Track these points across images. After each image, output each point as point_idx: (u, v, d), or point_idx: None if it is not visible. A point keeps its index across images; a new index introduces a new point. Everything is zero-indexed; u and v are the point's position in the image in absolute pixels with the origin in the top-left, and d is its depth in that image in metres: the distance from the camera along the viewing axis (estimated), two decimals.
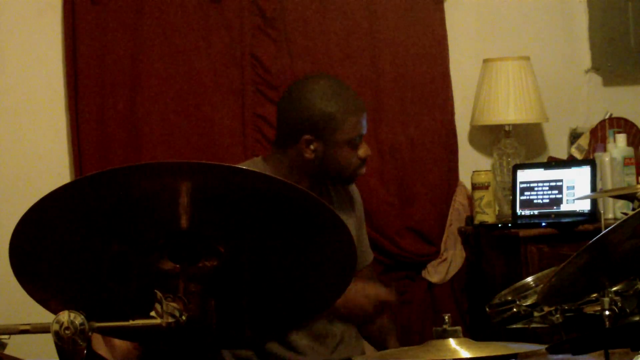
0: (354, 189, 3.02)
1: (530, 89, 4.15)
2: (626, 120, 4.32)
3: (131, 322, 1.64)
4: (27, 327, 1.64)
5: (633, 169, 4.07)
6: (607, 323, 2.18)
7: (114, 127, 3.95)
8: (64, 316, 1.57)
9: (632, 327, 2.24)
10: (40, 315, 1.80)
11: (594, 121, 4.33)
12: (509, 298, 2.57)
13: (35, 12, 3.96)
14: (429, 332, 2.04)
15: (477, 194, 4.08)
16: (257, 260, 1.78)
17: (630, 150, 4.11)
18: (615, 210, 4.00)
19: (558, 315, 2.38)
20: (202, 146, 4.00)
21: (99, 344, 2.92)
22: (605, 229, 2.03)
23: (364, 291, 2.79)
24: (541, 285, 2.42)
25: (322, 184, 2.87)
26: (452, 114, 4.25)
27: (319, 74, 2.96)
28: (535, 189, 4.07)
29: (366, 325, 3.06)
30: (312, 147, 2.77)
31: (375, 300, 2.80)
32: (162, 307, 1.63)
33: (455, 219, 4.19)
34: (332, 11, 4.13)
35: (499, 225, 4.02)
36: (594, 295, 2.30)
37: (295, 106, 2.81)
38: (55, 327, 1.57)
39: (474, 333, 3.93)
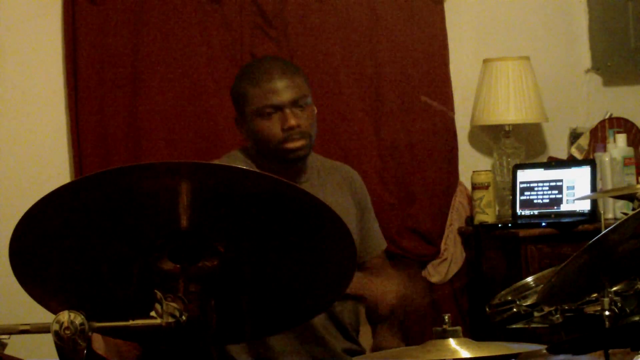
0: (351, 173, 3.00)
1: (530, 89, 4.15)
2: (626, 120, 4.32)
3: (131, 322, 1.64)
4: (27, 327, 1.64)
5: (633, 169, 4.07)
6: (607, 323, 2.18)
7: (114, 127, 3.95)
8: (64, 316, 1.57)
9: (632, 327, 2.24)
10: (40, 315, 1.80)
11: (594, 121, 4.33)
12: (509, 298, 2.57)
13: (35, 12, 3.96)
14: (429, 332, 2.04)
15: (477, 194, 4.08)
16: (257, 260, 1.78)
17: (630, 150, 4.11)
18: (615, 210, 4.00)
19: (558, 315, 2.38)
20: (202, 146, 4.00)
21: (99, 344, 2.92)
22: (605, 229, 2.03)
23: (385, 287, 2.79)
24: (541, 285, 2.42)
25: (288, 164, 2.81)
26: (452, 113, 4.25)
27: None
28: (535, 189, 4.07)
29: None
30: (241, 127, 2.84)
31: (397, 295, 2.80)
32: (162, 307, 1.63)
33: (455, 219, 4.19)
34: (332, 11, 4.13)
35: (499, 225, 4.02)
36: (594, 295, 2.30)
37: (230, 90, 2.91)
38: (55, 327, 1.57)
39: (474, 333, 3.93)
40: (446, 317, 2.01)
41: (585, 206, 3.97)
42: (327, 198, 2.82)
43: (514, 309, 2.54)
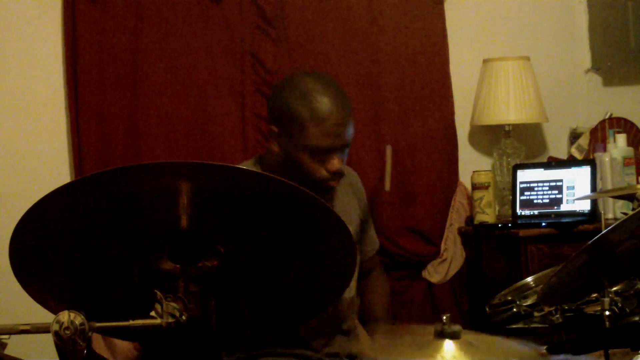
0: (355, 177, 3.01)
1: (530, 89, 4.15)
2: (626, 120, 4.32)
3: (131, 322, 1.64)
4: (27, 327, 1.64)
5: (633, 169, 4.07)
6: (607, 323, 2.18)
7: (114, 127, 3.95)
8: (64, 316, 1.57)
9: (632, 327, 2.24)
10: (40, 315, 1.80)
11: (594, 121, 4.33)
12: (509, 298, 2.57)
13: (35, 12, 3.96)
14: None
15: (477, 194, 4.08)
16: (257, 260, 1.78)
17: (630, 150, 4.11)
18: (615, 210, 4.00)
19: (558, 315, 2.38)
20: (202, 146, 4.00)
21: (99, 343, 2.92)
22: (605, 229, 2.03)
23: None
24: (541, 285, 2.42)
25: None
26: (452, 114, 4.25)
27: (316, 73, 2.80)
28: (535, 189, 4.07)
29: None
30: (278, 141, 2.69)
31: None
32: (162, 307, 1.64)
33: (455, 219, 4.19)
34: (332, 11, 4.13)
35: (499, 225, 4.02)
36: (594, 295, 2.30)
37: (275, 95, 2.75)
38: (55, 327, 1.57)
39: None
40: (444, 317, 2.00)
41: (585, 206, 3.97)
42: (333, 200, 2.82)
43: (514, 309, 2.54)
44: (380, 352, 1.98)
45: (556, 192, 4.04)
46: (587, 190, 3.96)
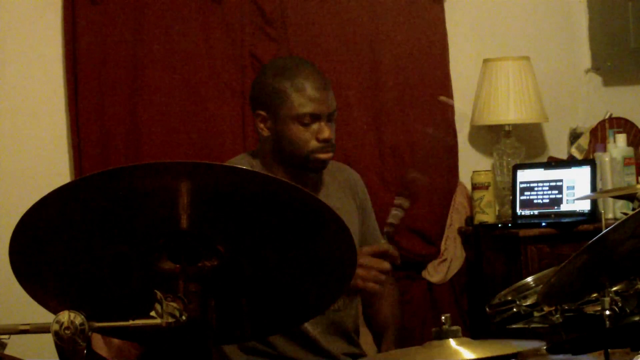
0: (354, 175, 3.01)
1: (530, 89, 4.15)
2: (626, 120, 4.32)
3: (131, 322, 1.64)
4: (27, 327, 1.64)
5: (633, 169, 4.07)
6: (607, 323, 2.18)
7: (114, 127, 3.95)
8: (64, 316, 1.57)
9: (632, 327, 2.24)
10: (40, 315, 1.80)
11: (594, 121, 4.33)
12: (509, 298, 2.57)
13: (35, 12, 3.96)
14: (429, 332, 2.04)
15: (477, 194, 4.08)
16: (257, 260, 1.78)
17: (630, 150, 4.11)
18: (615, 210, 4.00)
19: (558, 315, 2.38)
20: (202, 146, 4.00)
21: (99, 344, 2.92)
22: (605, 229, 2.03)
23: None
24: (541, 285, 2.42)
25: (303, 172, 2.78)
26: (452, 114, 4.25)
27: (288, 56, 2.95)
28: (535, 189, 4.07)
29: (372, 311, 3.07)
30: (266, 124, 2.75)
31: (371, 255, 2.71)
32: (162, 307, 1.63)
33: (455, 219, 4.18)
34: (332, 11, 4.13)
35: (499, 225, 4.02)
36: (594, 295, 2.30)
37: (255, 83, 2.83)
38: (55, 327, 1.57)
39: (474, 333, 3.93)
40: (444, 317, 2.00)
41: (585, 206, 3.97)
42: (331, 200, 2.82)
43: (514, 309, 2.54)
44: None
45: (556, 192, 4.04)
46: (587, 190, 3.96)
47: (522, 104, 4.14)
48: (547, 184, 4.05)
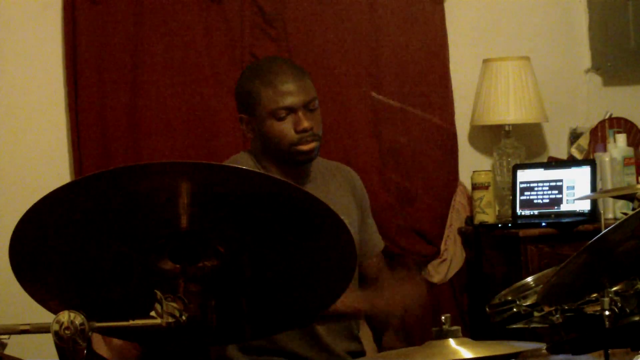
0: (353, 174, 3.01)
1: (530, 89, 4.15)
2: (626, 120, 4.32)
3: (131, 322, 1.64)
4: (27, 327, 1.64)
5: (633, 169, 4.07)
6: (607, 323, 2.18)
7: (114, 127, 3.95)
8: (64, 316, 1.57)
9: (632, 327, 2.24)
10: (40, 315, 1.80)
11: (594, 121, 4.33)
12: (509, 298, 2.57)
13: (35, 12, 3.96)
14: (429, 332, 2.04)
15: (477, 194, 4.08)
16: (257, 260, 1.78)
17: (630, 150, 4.11)
18: (615, 210, 4.00)
19: (558, 315, 2.38)
20: (202, 146, 4.00)
21: (99, 344, 2.92)
22: (605, 229, 2.03)
23: (391, 299, 2.77)
24: (541, 285, 2.42)
25: (293, 166, 2.80)
26: (452, 114, 4.25)
27: (265, 57, 3.03)
28: (535, 189, 4.07)
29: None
30: (249, 126, 2.80)
31: (404, 304, 2.79)
32: (162, 307, 1.63)
33: (455, 219, 4.19)
34: (332, 11, 4.13)
35: (499, 225, 4.02)
36: (594, 295, 2.30)
37: (235, 88, 2.88)
38: (55, 327, 1.57)
39: (474, 333, 3.93)
40: (444, 317, 2.01)
41: (585, 206, 3.97)
42: (331, 200, 2.82)
43: (514, 309, 2.53)
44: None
45: (556, 192, 4.04)
46: (587, 190, 3.96)
47: (522, 104, 4.14)
48: (547, 184, 4.05)
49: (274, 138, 2.76)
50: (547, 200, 4.04)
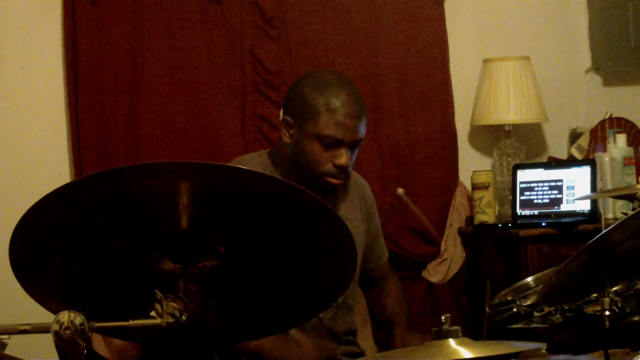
0: (361, 181, 3.01)
1: (530, 89, 4.15)
2: (626, 120, 4.32)
3: (131, 322, 1.64)
4: (27, 327, 1.64)
5: (633, 169, 4.07)
6: (607, 323, 2.18)
7: (114, 127, 3.95)
8: (64, 316, 1.57)
9: (632, 327, 2.24)
10: (40, 315, 1.80)
11: (594, 121, 4.33)
12: (509, 298, 2.57)
13: (35, 12, 3.96)
14: (429, 332, 2.04)
15: (477, 194, 4.08)
16: (257, 260, 1.78)
17: (630, 150, 4.11)
18: (615, 210, 4.00)
19: (558, 315, 2.38)
20: (202, 146, 4.00)
21: (99, 344, 2.92)
22: (605, 229, 2.03)
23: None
24: (541, 285, 2.42)
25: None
26: (452, 114, 4.25)
27: (333, 70, 2.92)
28: (535, 189, 4.07)
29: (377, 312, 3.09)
30: (290, 131, 2.75)
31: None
32: (162, 307, 1.63)
33: (455, 219, 4.19)
34: (332, 11, 4.13)
35: (499, 225, 4.02)
36: (594, 295, 2.30)
37: (294, 86, 2.82)
38: (55, 327, 1.57)
39: (474, 333, 3.93)
40: (444, 317, 2.01)
41: (585, 206, 3.97)
42: (340, 210, 2.83)
43: (514, 309, 2.54)
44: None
45: (556, 192, 4.04)
46: (587, 190, 3.96)
47: (522, 104, 4.14)
48: (547, 184, 4.05)
49: (310, 160, 2.72)
50: (547, 200, 4.04)
